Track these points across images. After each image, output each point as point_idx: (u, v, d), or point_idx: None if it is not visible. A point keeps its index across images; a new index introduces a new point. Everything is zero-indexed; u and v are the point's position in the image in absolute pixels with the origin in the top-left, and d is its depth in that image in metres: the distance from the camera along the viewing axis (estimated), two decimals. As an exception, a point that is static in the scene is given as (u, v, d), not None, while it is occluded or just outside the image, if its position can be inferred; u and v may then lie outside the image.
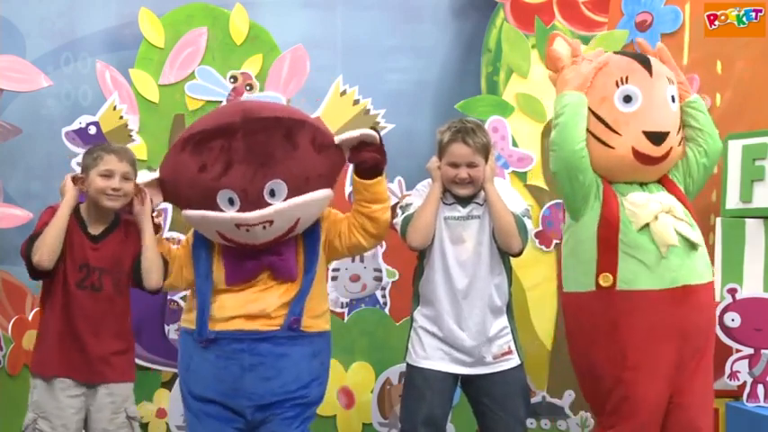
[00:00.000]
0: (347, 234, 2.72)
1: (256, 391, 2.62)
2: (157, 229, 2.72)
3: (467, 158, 2.74)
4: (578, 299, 2.68)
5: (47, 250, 2.58)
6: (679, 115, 2.69)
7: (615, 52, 2.85)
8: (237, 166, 2.51)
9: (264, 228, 2.55)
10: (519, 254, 2.78)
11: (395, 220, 2.82)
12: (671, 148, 2.62)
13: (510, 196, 2.82)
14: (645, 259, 2.56)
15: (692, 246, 2.59)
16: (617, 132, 2.62)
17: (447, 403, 2.82)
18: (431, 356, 2.78)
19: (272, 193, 2.55)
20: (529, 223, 2.77)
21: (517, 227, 2.72)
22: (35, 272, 2.63)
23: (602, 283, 2.58)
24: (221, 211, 2.55)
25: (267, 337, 2.62)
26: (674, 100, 2.67)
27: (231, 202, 2.55)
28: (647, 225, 2.57)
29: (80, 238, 2.66)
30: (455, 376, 2.80)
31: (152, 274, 2.68)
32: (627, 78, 2.64)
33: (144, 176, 2.67)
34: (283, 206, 2.55)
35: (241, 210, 2.54)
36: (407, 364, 2.84)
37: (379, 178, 2.68)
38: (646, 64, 2.67)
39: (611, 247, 2.58)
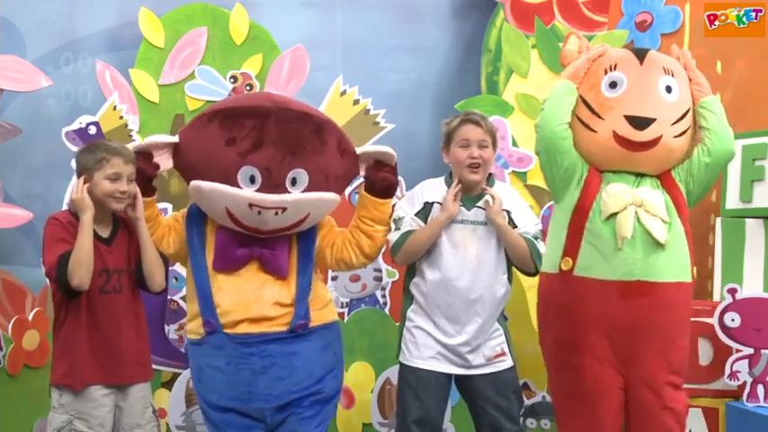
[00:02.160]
0: (340, 247, 2.74)
1: (272, 392, 2.61)
2: (153, 191, 2.69)
3: (478, 136, 2.75)
4: (545, 279, 2.74)
5: (86, 271, 2.52)
6: (678, 107, 2.65)
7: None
8: (267, 147, 2.52)
9: (277, 214, 2.55)
10: (535, 274, 2.80)
11: (388, 236, 2.79)
12: (659, 136, 2.59)
13: (523, 214, 2.83)
14: (602, 249, 2.58)
15: (658, 243, 2.57)
16: (600, 117, 2.63)
17: (442, 403, 2.82)
18: (424, 356, 2.78)
19: (293, 182, 2.57)
20: (542, 246, 2.78)
21: (531, 252, 2.74)
22: (73, 292, 2.57)
23: (562, 266, 2.63)
24: (239, 187, 2.54)
25: (275, 338, 2.62)
26: (669, 90, 2.64)
27: (252, 180, 2.54)
28: (615, 215, 2.58)
29: (94, 243, 2.60)
30: (449, 376, 2.80)
31: (155, 275, 2.68)
32: (615, 66, 2.67)
33: (160, 138, 2.65)
34: (301, 197, 2.57)
35: (260, 190, 2.54)
36: (401, 363, 2.84)
37: (390, 200, 2.73)
38: (640, 54, 2.69)
39: (577, 234, 2.62)
